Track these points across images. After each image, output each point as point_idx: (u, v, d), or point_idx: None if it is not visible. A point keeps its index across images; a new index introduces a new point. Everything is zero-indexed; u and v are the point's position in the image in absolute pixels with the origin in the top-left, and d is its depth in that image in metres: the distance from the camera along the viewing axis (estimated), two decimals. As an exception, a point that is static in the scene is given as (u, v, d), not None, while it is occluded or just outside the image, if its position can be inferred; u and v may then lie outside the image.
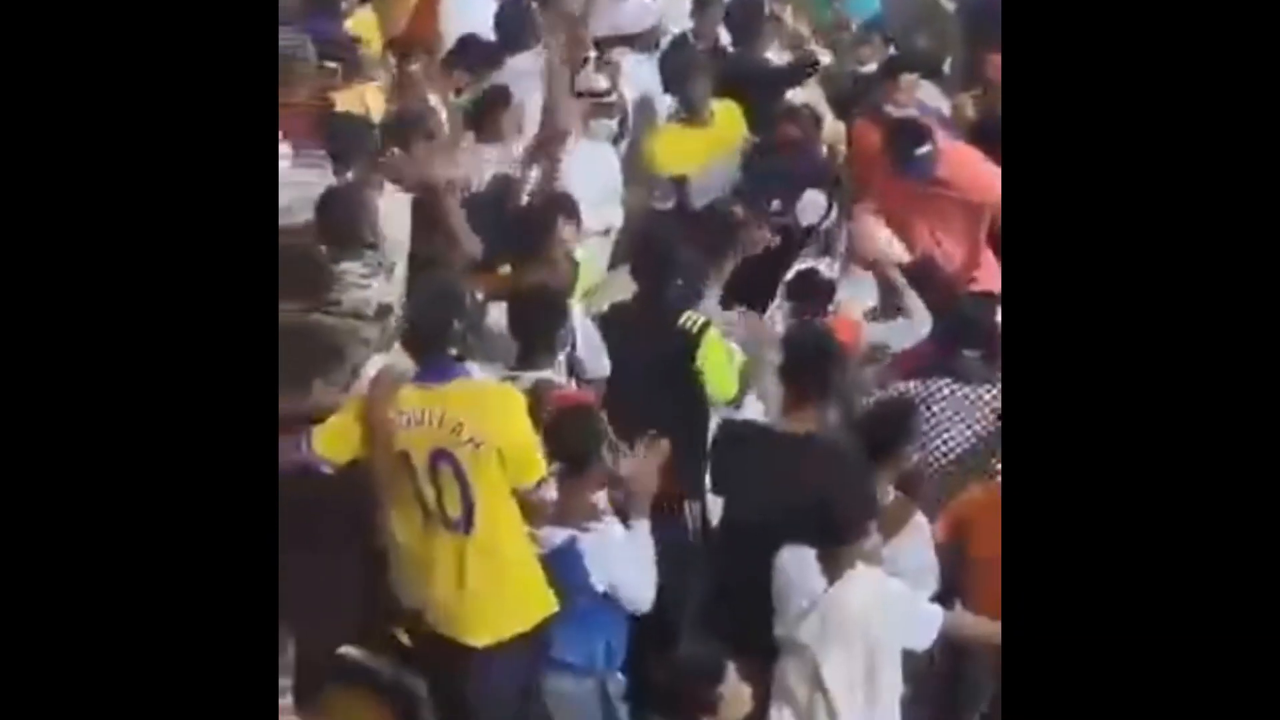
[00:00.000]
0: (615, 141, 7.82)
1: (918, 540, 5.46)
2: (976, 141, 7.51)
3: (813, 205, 7.13)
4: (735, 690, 4.55)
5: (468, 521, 4.99)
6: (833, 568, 5.03)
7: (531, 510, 5.09)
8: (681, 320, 5.98)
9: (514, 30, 8.02)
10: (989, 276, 7.14)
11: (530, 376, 5.52)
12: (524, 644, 5.08)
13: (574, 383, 5.85)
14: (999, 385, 5.89)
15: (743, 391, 6.13)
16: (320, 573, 4.91)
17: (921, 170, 7.17)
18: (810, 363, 5.57)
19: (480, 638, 5.04)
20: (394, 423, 5.00)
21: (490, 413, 5.02)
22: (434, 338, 5.09)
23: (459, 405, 4.99)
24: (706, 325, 5.97)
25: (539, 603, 5.08)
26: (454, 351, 5.12)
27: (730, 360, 6.09)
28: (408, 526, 5.06)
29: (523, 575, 5.09)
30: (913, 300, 6.72)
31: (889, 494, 5.40)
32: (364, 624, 5.23)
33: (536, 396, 5.30)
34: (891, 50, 8.75)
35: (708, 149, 7.64)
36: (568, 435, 5.18)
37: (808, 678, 5.04)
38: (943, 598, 5.33)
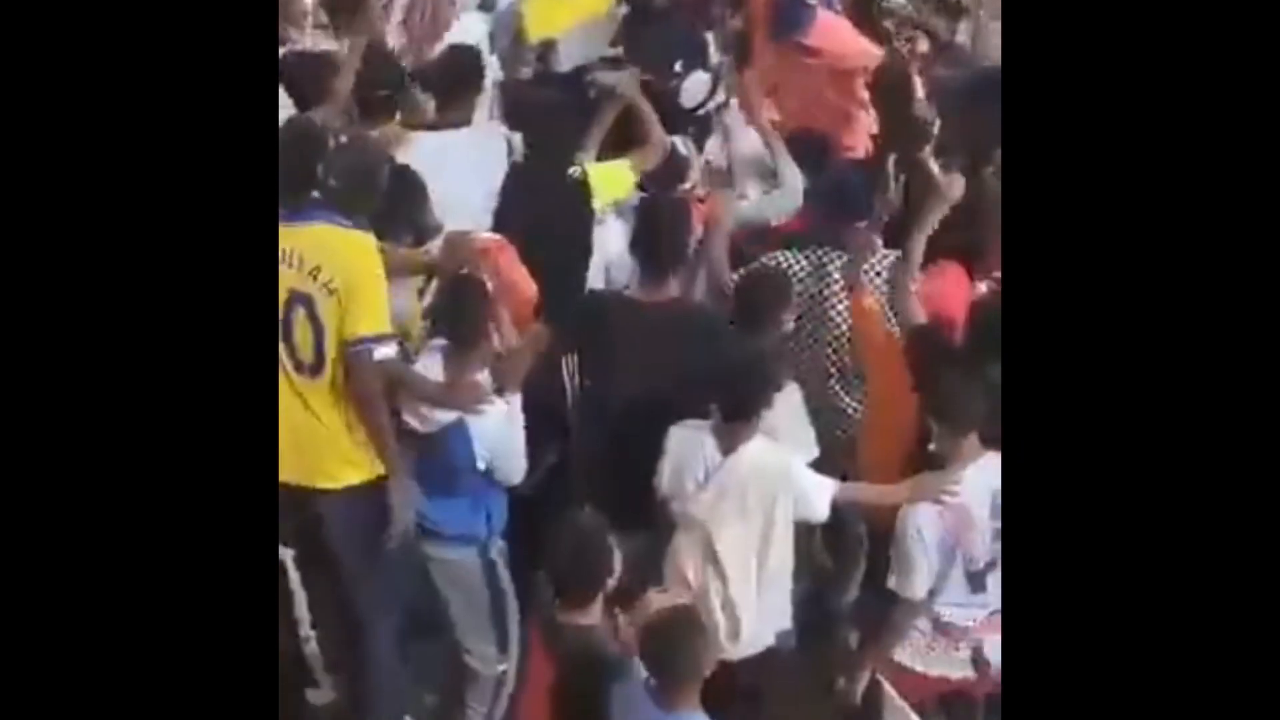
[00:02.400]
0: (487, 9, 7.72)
1: (794, 408, 5.49)
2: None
3: (697, 85, 6.99)
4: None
5: (317, 367, 4.94)
6: (729, 442, 5.04)
7: (408, 390, 5.06)
8: (569, 172, 5.97)
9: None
10: (863, 144, 7.12)
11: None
12: (366, 494, 5.10)
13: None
14: (884, 254, 5.90)
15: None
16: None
17: (796, 26, 7.03)
18: (657, 233, 5.58)
19: (320, 481, 5.08)
20: None
21: (345, 257, 4.95)
22: (296, 178, 4.98)
23: (317, 248, 4.94)
24: (584, 170, 6.00)
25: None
26: (316, 194, 5.03)
27: (619, 169, 6.15)
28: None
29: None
30: (787, 169, 6.68)
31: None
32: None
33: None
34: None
35: (575, 14, 7.52)
36: (451, 304, 5.13)
37: (701, 552, 5.07)
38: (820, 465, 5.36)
